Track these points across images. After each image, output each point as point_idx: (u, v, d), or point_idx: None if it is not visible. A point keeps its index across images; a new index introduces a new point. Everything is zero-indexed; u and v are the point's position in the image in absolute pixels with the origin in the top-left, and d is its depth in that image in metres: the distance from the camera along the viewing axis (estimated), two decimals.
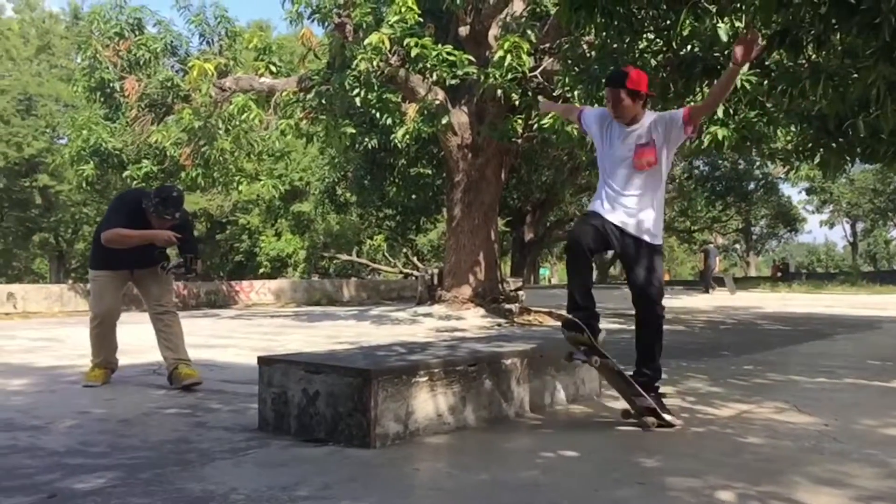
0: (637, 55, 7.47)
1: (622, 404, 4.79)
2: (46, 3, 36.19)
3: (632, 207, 4.05)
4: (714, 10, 6.25)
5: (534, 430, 4.10)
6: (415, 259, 34.69)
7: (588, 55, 8.88)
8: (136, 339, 6.98)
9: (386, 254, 35.17)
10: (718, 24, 6.45)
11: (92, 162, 14.57)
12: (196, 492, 2.88)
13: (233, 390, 5.33)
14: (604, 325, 4.23)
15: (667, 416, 4.08)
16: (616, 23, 6.53)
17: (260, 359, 4.12)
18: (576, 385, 4.86)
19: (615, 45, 7.43)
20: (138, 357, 6.52)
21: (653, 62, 7.60)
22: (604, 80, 5.06)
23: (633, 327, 4.40)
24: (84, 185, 15.56)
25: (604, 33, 6.91)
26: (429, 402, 3.86)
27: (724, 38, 6.49)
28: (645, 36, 7.48)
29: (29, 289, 18.03)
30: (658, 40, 7.56)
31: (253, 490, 2.92)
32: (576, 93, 9.21)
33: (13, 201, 31.68)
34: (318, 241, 35.63)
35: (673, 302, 19.11)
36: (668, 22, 6.92)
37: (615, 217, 4.08)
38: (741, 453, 3.57)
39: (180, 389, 5.29)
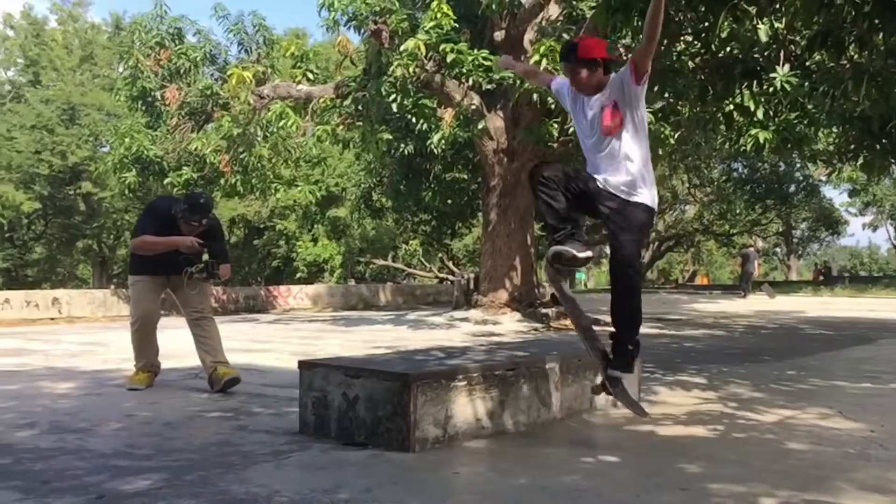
0: (675, 58, 7.40)
1: (663, 409, 4.77)
2: (89, 14, 37.05)
3: (611, 172, 3.85)
4: (754, 12, 6.17)
5: (573, 435, 4.09)
6: (450, 264, 34.71)
7: (624, 58, 8.81)
8: (178, 344, 7.08)
9: (421, 258, 35.25)
10: (759, 26, 6.37)
11: (134, 169, 14.83)
12: (240, 494, 2.92)
13: (273, 394, 5.39)
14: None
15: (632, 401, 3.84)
16: None
17: (301, 363, 4.17)
18: None
19: None
20: (180, 361, 6.62)
21: (691, 64, 7.53)
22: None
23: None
24: (126, 192, 15.86)
25: (640, 36, 6.87)
26: (467, 407, 3.87)
27: (765, 39, 6.42)
28: (683, 38, 7.41)
29: (73, 294, 18.40)
30: (696, 42, 7.49)
31: (295, 492, 2.95)
32: None
33: (57, 208, 32.33)
34: (354, 246, 35.82)
35: (711, 306, 18.88)
36: (707, 24, 6.85)
37: (598, 178, 3.92)
38: (785, 459, 3.52)
39: (222, 393, 5.37)
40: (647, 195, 3.82)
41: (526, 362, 4.27)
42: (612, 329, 3.83)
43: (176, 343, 6.75)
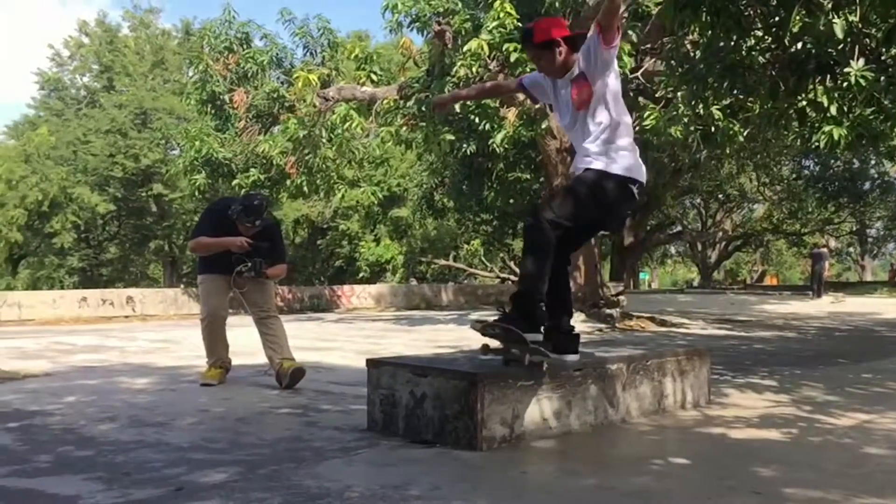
0: (745, 53, 7.26)
1: (734, 411, 4.69)
2: (160, 21, 38.10)
3: (587, 151, 3.74)
4: (829, 6, 6.00)
5: (641, 437, 4.05)
6: (512, 263, 34.62)
7: (692, 55, 8.67)
8: (246, 342, 7.25)
9: (483, 258, 35.25)
10: (834, 20, 6.19)
11: (204, 171, 15.23)
12: (312, 488, 2.98)
13: (340, 392, 5.48)
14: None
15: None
16: (722, 20, 6.37)
17: (369, 361, 4.22)
18: (683, 391, 4.76)
19: (721, 44, 7.24)
20: (249, 359, 6.77)
21: (761, 60, 7.37)
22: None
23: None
24: (196, 193, 16.29)
25: (709, 32, 6.76)
26: (534, 407, 3.86)
27: (840, 35, 6.23)
28: (753, 33, 7.26)
29: (146, 293, 18.98)
30: (767, 37, 7.33)
31: (366, 488, 3.00)
32: (679, 94, 9.03)
33: (130, 210, 33.42)
34: (416, 246, 36.04)
35: (781, 307, 18.41)
36: (778, 18, 6.71)
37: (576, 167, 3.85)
38: (864, 464, 3.42)
39: (290, 390, 5.48)
40: (603, 161, 3.66)
41: (593, 362, 4.24)
42: None
43: (245, 341, 6.91)
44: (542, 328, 3.70)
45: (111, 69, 34.52)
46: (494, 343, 3.86)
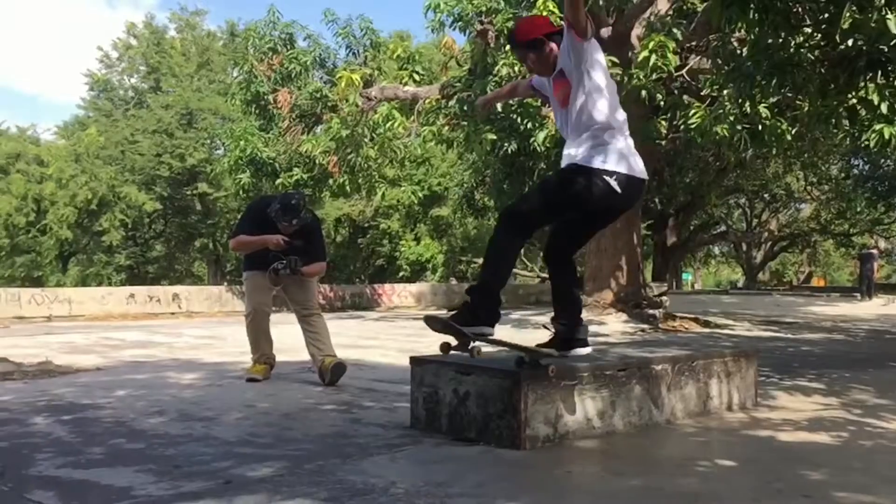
0: (793, 50, 7.13)
1: (782, 414, 4.62)
2: (205, 23, 38.75)
3: (569, 148, 3.71)
4: (882, 2, 5.87)
5: (687, 438, 4.01)
6: None
7: (739, 52, 8.55)
8: (290, 339, 7.33)
9: (523, 258, 35.14)
10: (887, 16, 6.05)
11: (248, 170, 15.45)
12: (358, 484, 3.01)
13: (383, 389, 5.51)
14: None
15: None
16: (771, 17, 6.27)
17: (412, 359, 4.25)
18: (729, 393, 4.70)
19: (769, 41, 7.12)
20: (293, 355, 6.84)
21: (810, 57, 7.24)
22: None
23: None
24: (241, 192, 16.51)
25: (757, 29, 6.65)
26: (578, 406, 3.85)
27: (893, 31, 6.09)
28: (802, 30, 7.14)
29: (192, 290, 19.30)
30: (816, 34, 7.20)
31: (411, 485, 3.02)
32: (725, 91, 8.91)
33: (176, 208, 34.01)
34: (456, 246, 36.07)
35: (829, 309, 18.04)
36: (828, 15, 6.58)
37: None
38: None
39: (333, 386, 5.53)
40: (581, 157, 3.60)
41: (637, 363, 4.22)
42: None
43: (288, 338, 7.00)
44: (493, 315, 3.65)
45: (158, 70, 35.14)
46: (454, 341, 3.83)
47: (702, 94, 11.51)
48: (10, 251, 30.91)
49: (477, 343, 3.59)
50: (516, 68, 10.78)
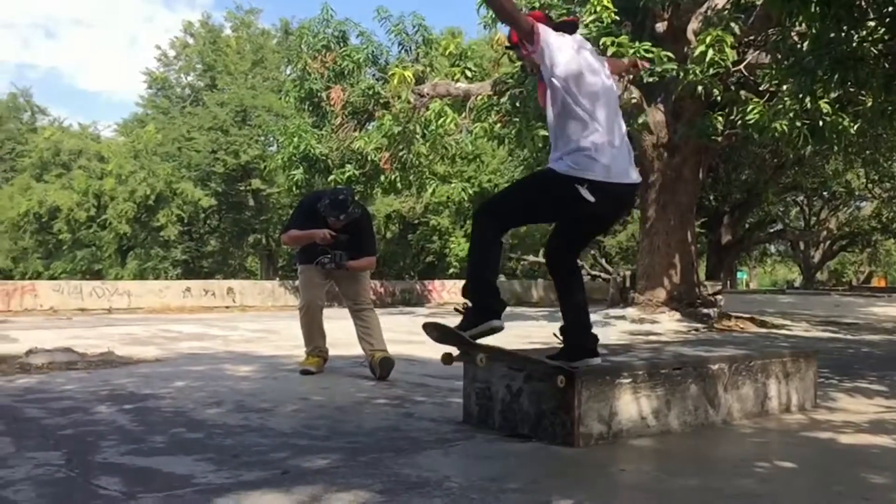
0: (856, 44, 6.94)
1: (841, 416, 4.51)
2: (260, 21, 39.30)
3: (552, 151, 3.61)
4: None
5: (744, 439, 3.94)
6: (603, 261, 34.16)
7: (799, 46, 8.35)
8: (344, 333, 7.41)
9: None
10: None
11: (301, 167, 15.63)
12: (412, 477, 3.03)
13: (435, 384, 5.54)
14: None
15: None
16: (833, 10, 6.11)
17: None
18: (788, 394, 4.60)
19: (832, 35, 6.94)
20: (346, 350, 6.91)
21: (874, 51, 7.03)
22: None
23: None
24: (294, 188, 16.73)
25: (818, 22, 6.49)
26: (632, 404, 3.81)
27: None
28: (865, 24, 6.93)
29: (245, 284, 19.65)
30: (880, 28, 6.98)
31: (465, 479, 3.03)
32: (785, 87, 8.71)
33: (230, 204, 34.55)
34: (506, 243, 35.93)
35: (891, 310, 17.51)
36: (892, 8, 6.39)
37: None
38: None
39: (385, 381, 5.58)
40: (554, 159, 3.49)
41: (693, 361, 4.16)
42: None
43: (341, 333, 7.08)
44: (497, 305, 3.59)
45: (214, 68, 35.75)
46: (456, 351, 3.73)
47: (760, 89, 11.28)
48: (71, 245, 31.77)
49: (482, 353, 3.45)
50: None
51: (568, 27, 3.64)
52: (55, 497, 2.71)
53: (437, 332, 3.44)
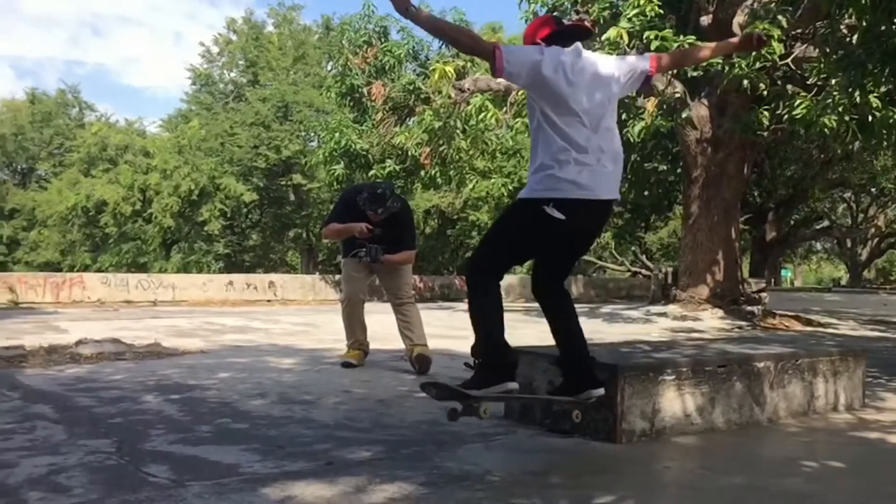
0: None
1: (890, 416, 4.43)
2: (302, 17, 39.54)
3: None
4: None
5: (790, 438, 3.88)
6: (643, 257, 33.84)
7: (849, 39, 8.17)
8: (384, 327, 7.46)
9: (614, 252, 34.63)
10: None
11: (342, 162, 15.74)
12: (455, 470, 3.05)
13: None
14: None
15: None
16: (884, 3, 5.97)
17: None
18: (835, 393, 4.52)
19: (882, 27, 6.77)
20: (387, 343, 6.95)
21: None
22: None
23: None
24: (335, 183, 16.85)
25: (868, 15, 6.34)
26: (676, 402, 3.78)
27: None
28: None
29: (287, 278, 19.86)
30: None
31: (507, 473, 3.04)
32: (833, 81, 8.53)
33: (271, 199, 34.93)
34: None
35: None
36: None
37: None
38: None
39: (426, 375, 5.59)
40: (527, 183, 3.33)
41: (738, 359, 4.11)
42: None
43: (381, 326, 7.12)
44: (512, 365, 3.29)
45: (256, 64, 36.12)
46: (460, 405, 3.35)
47: (807, 83, 11.06)
48: (117, 238, 32.43)
49: (486, 403, 3.20)
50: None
51: (568, 35, 3.42)
52: (107, 483, 2.77)
53: (435, 390, 3.25)
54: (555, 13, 12.06)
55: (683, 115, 11.60)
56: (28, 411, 4.07)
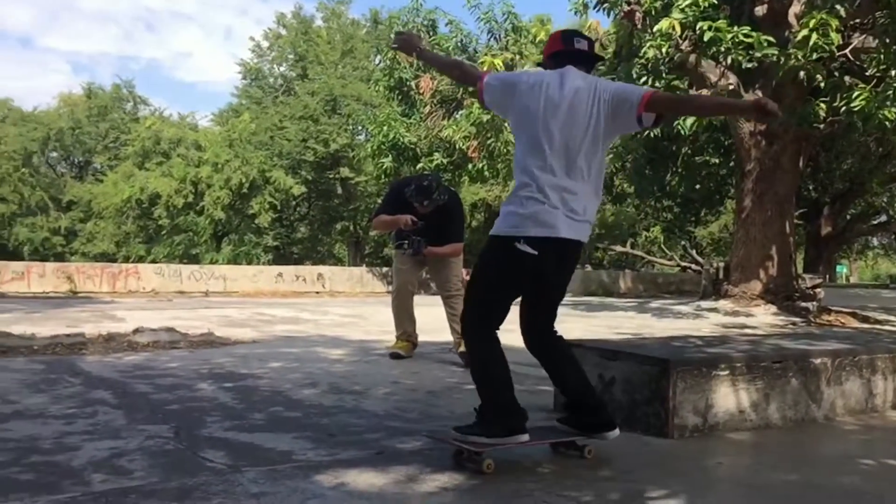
0: None
1: None
2: (350, 11, 39.82)
3: None
4: None
5: (847, 435, 3.80)
6: (693, 252, 33.33)
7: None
8: (433, 320, 7.49)
9: (662, 246, 34.18)
10: None
11: (390, 155, 15.83)
12: (505, 462, 3.05)
13: (524, 372, 5.49)
14: None
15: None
16: None
17: None
18: (895, 391, 4.41)
19: None
20: (436, 336, 6.97)
21: None
22: None
23: None
24: (383, 176, 16.96)
25: None
26: (729, 397, 3.73)
27: None
28: None
29: (335, 270, 20.07)
30: None
31: (558, 466, 3.04)
32: (893, 72, 8.29)
33: (319, 192, 35.27)
34: (593, 232, 35.38)
35: None
36: None
37: None
38: None
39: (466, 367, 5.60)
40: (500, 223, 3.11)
41: (794, 355, 4.03)
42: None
43: (429, 319, 7.15)
44: (518, 427, 3.02)
45: (305, 58, 36.48)
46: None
47: (866, 74, 10.77)
48: (170, 230, 33.09)
49: (489, 460, 2.93)
50: (663, 50, 10.46)
51: (573, 57, 3.21)
52: (166, 467, 2.84)
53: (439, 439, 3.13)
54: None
55: None
56: (89, 397, 4.20)
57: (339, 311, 11.55)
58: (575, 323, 10.46)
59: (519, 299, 3.22)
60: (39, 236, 39.77)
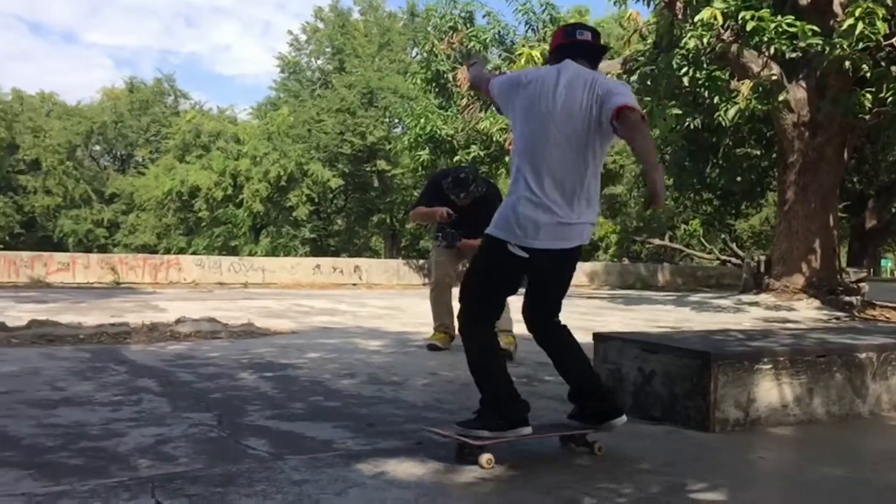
0: None
1: None
2: (387, 4, 39.92)
3: None
4: None
5: (893, 431, 3.74)
6: (733, 245, 32.86)
7: None
8: None
9: (702, 239, 33.75)
10: None
11: (427, 148, 15.85)
12: (543, 454, 3.07)
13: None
14: None
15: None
16: None
17: (595, 335, 4.22)
18: None
19: None
20: None
21: None
22: None
23: None
24: (420, 169, 17.00)
25: None
26: (772, 391, 3.68)
27: None
28: None
29: (372, 262, 20.17)
30: None
31: (595, 459, 3.03)
32: None
33: (356, 185, 35.46)
34: (630, 225, 35.21)
35: None
36: None
37: None
38: None
39: (513, 361, 5.59)
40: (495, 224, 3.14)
41: (839, 349, 3.97)
42: None
43: None
44: (520, 419, 2.97)
45: (342, 51, 36.62)
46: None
47: None
48: (209, 222, 33.54)
49: (488, 454, 2.86)
50: (705, 40, 10.31)
51: (575, 50, 3.16)
52: (210, 454, 2.89)
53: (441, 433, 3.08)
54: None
55: (780, 98, 11.17)
56: (134, 385, 4.28)
57: (376, 303, 11.61)
58: (612, 316, 10.40)
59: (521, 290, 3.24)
60: (83, 228, 40.64)
